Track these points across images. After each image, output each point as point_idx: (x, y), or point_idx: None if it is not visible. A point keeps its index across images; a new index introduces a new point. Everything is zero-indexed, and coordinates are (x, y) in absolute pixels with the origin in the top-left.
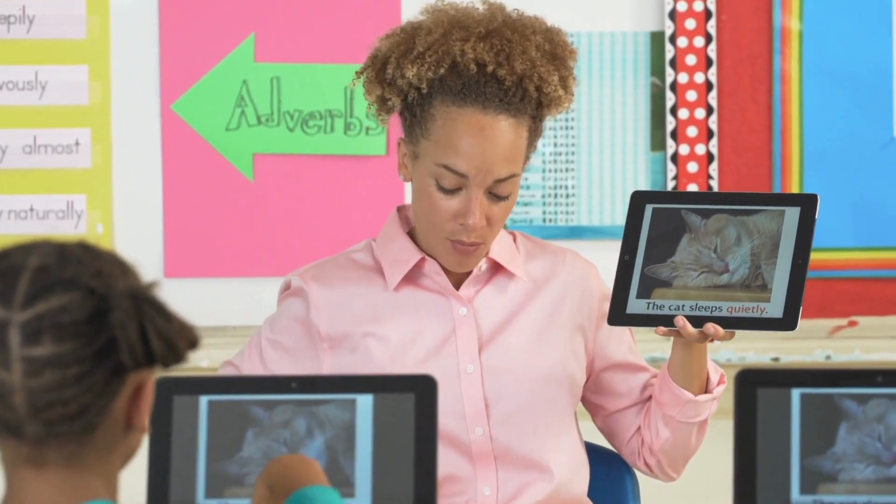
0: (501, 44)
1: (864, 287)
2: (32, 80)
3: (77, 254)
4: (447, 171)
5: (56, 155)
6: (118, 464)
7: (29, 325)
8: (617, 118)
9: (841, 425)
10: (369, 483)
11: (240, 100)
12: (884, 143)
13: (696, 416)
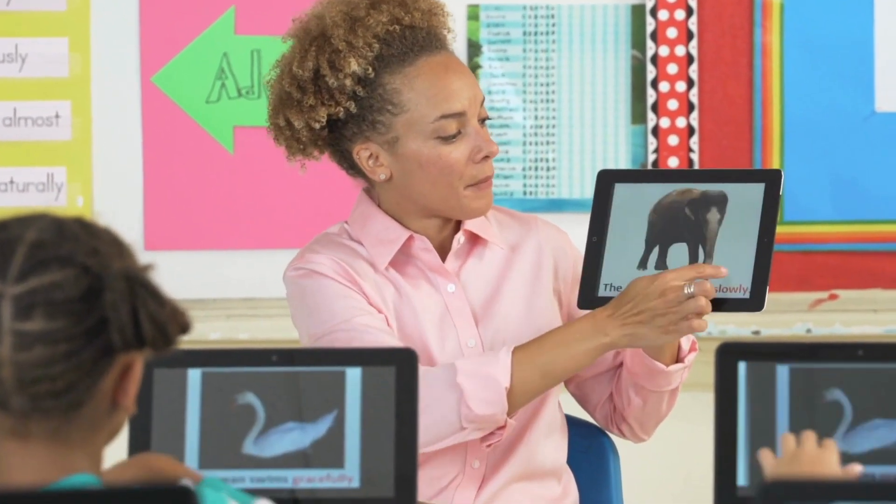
0: (396, 2)
1: (845, 260)
2: (12, 53)
3: (74, 231)
4: (446, 118)
5: (36, 127)
6: (102, 440)
7: (21, 300)
8: (597, 91)
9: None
10: (358, 452)
11: (220, 72)
12: (865, 117)
13: (667, 386)
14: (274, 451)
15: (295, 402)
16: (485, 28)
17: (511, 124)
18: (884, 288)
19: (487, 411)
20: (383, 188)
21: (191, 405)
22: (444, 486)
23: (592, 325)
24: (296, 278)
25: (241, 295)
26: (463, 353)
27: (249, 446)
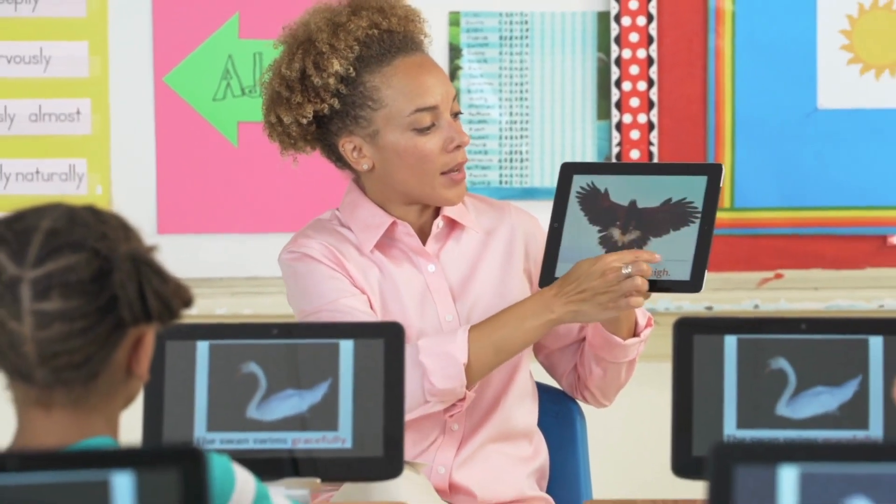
0: (374, 8)
1: (789, 243)
2: (37, 55)
3: (85, 218)
4: (420, 112)
5: (59, 123)
6: (119, 406)
7: (39, 282)
8: (567, 90)
9: (771, 368)
10: (350, 416)
11: (225, 73)
12: (807, 113)
13: (624, 357)
14: (274, 416)
15: (293, 371)
16: (464, 33)
17: (488, 120)
18: (824, 268)
19: (448, 385)
20: (368, 178)
21: (199, 374)
22: (426, 446)
23: (540, 304)
24: (289, 261)
25: (245, 274)
26: (442, 327)
27: (252, 411)
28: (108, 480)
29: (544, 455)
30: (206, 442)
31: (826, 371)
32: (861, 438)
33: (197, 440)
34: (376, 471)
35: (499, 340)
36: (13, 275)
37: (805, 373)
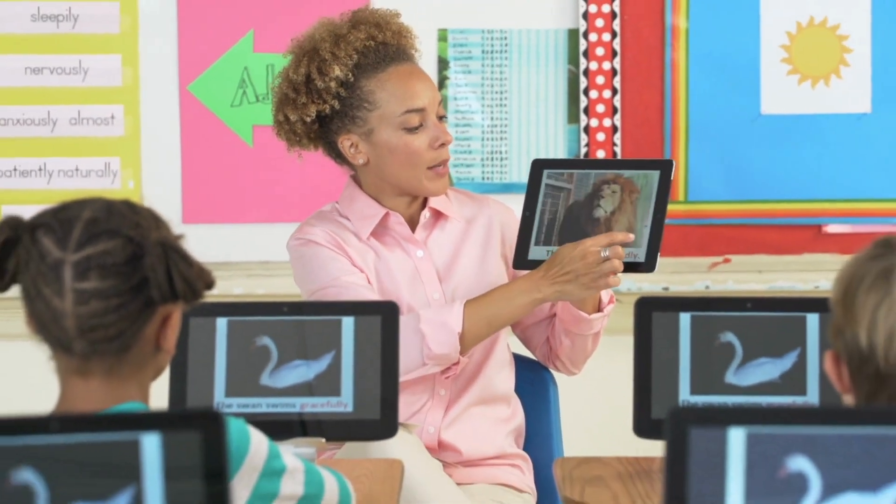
0: (372, 23)
1: (736, 231)
2: (77, 67)
3: (121, 209)
4: (410, 113)
5: (96, 126)
6: (149, 376)
7: (80, 265)
8: (541, 97)
9: (720, 342)
10: (351, 383)
11: (242, 82)
12: (752, 118)
13: (589, 330)
14: (285, 383)
15: (301, 344)
16: (451, 48)
17: (472, 124)
18: (767, 254)
19: (443, 351)
20: (363, 172)
21: (219, 346)
22: (417, 409)
23: (529, 284)
24: (296, 246)
25: (259, 258)
26: (429, 304)
27: (265, 379)
28: (138, 440)
29: (521, 417)
30: (224, 406)
31: (769, 344)
32: (800, 403)
33: (216, 405)
34: (374, 431)
35: (491, 315)
36: (57, 258)
37: (750, 346)
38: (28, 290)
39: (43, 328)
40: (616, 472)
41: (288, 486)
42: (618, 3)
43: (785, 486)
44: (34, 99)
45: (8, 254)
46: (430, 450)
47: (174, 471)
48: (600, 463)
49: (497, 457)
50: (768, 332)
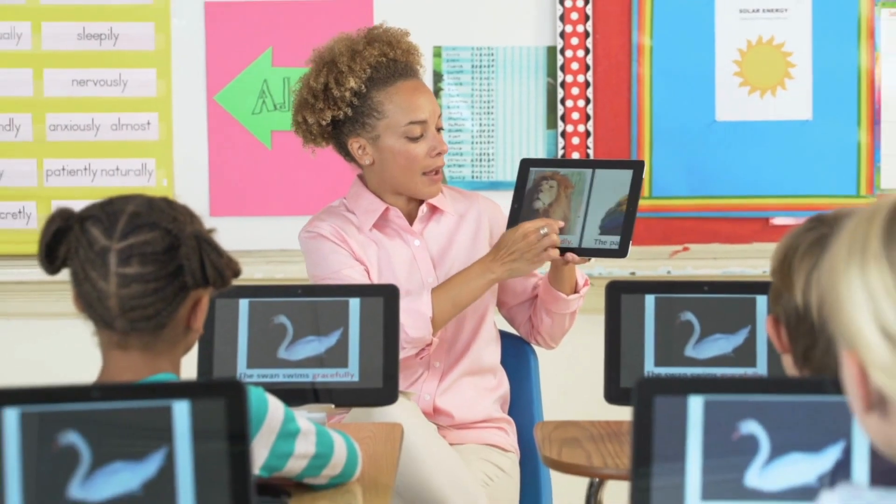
0: (385, 41)
1: (694, 223)
2: (117, 79)
3: (160, 205)
4: (413, 124)
5: (134, 131)
6: (181, 352)
7: (123, 252)
8: (524, 106)
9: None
10: (357, 356)
11: (262, 93)
12: (707, 124)
13: (567, 309)
14: (299, 356)
15: (313, 322)
16: (445, 63)
17: (463, 129)
18: (721, 243)
19: (419, 334)
20: (368, 171)
21: (241, 324)
22: (414, 379)
23: (482, 267)
24: (306, 238)
25: (277, 247)
26: (424, 287)
27: (282, 352)
28: (170, 407)
29: (506, 386)
30: (245, 377)
31: (723, 322)
32: (751, 374)
33: (239, 375)
34: (377, 398)
35: (454, 297)
36: (104, 245)
37: (707, 323)
38: (77, 273)
39: (89, 307)
40: (589, 434)
41: (301, 445)
42: (590, 24)
43: (738, 447)
44: (80, 107)
45: (59, 241)
46: (426, 415)
47: (201, 433)
48: (575, 426)
49: (485, 420)
50: (722, 311)
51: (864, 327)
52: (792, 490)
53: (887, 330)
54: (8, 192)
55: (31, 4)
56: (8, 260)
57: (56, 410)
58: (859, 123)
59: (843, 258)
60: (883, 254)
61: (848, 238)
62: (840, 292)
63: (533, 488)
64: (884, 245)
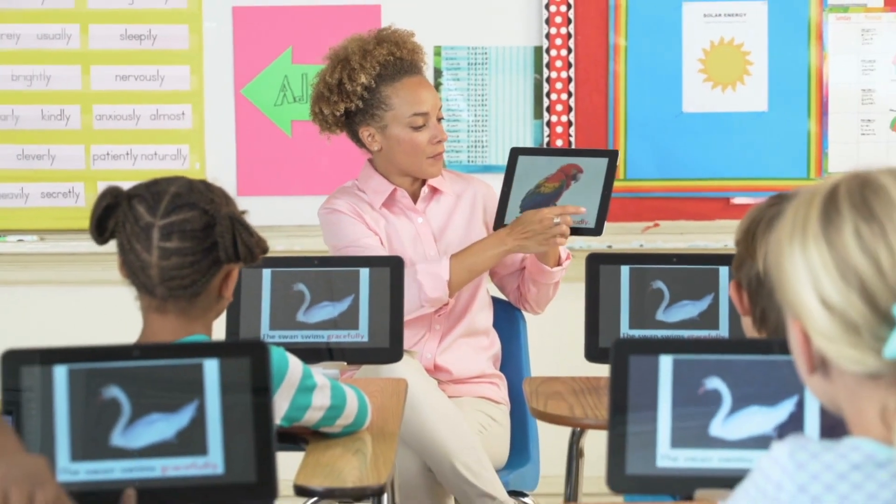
0: (392, 42)
1: (663, 203)
2: (155, 75)
3: (199, 187)
4: (417, 115)
5: (170, 120)
6: (212, 317)
7: (165, 228)
8: (513, 98)
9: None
10: (367, 319)
11: (283, 87)
12: (675, 115)
13: (551, 280)
14: (315, 319)
15: (329, 289)
16: (445, 60)
17: (460, 119)
18: (687, 220)
19: (436, 295)
20: (377, 156)
21: (265, 291)
22: (417, 340)
23: (497, 239)
24: (325, 214)
25: (296, 223)
26: (426, 259)
27: (301, 316)
28: (201, 364)
29: (498, 346)
30: (268, 337)
31: (689, 289)
32: (714, 336)
33: (262, 336)
34: (385, 356)
35: (470, 264)
36: (148, 222)
37: (675, 291)
38: (123, 245)
39: (132, 275)
40: (571, 388)
41: (318, 398)
42: (573, 27)
43: (703, 401)
44: (123, 100)
45: (108, 215)
46: (427, 371)
47: (229, 388)
48: (559, 381)
49: (479, 376)
50: (689, 280)
51: (806, 299)
52: (751, 439)
53: (826, 301)
54: (59, 174)
55: (79, 9)
56: (59, 234)
57: (101, 367)
58: (809, 115)
59: (787, 236)
60: (821, 233)
61: (791, 218)
62: (784, 267)
63: (521, 436)
64: (821, 226)
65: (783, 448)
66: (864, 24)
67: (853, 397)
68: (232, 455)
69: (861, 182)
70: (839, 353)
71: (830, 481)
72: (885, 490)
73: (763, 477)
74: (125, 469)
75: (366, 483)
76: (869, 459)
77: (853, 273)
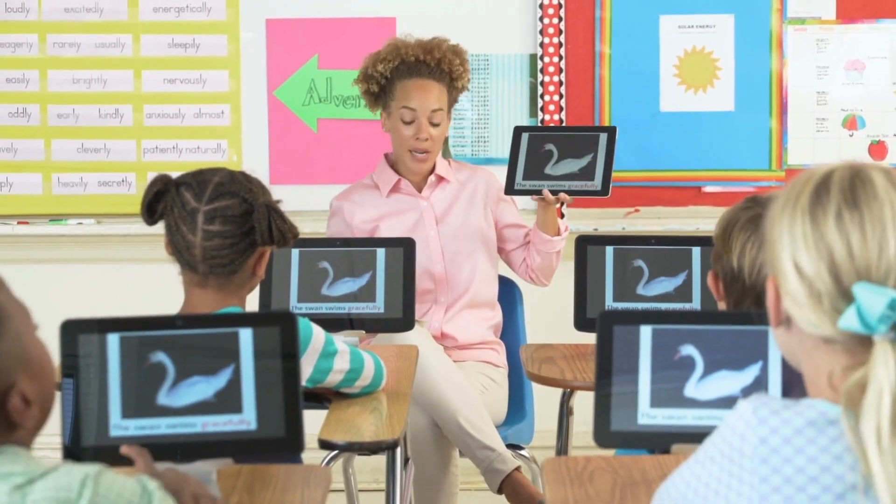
0: (426, 48)
1: (643, 191)
2: (198, 78)
3: (239, 177)
4: (405, 109)
5: (211, 118)
6: (246, 292)
7: (209, 213)
8: (511, 99)
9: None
10: (383, 293)
11: (310, 89)
12: (653, 114)
13: (553, 248)
14: (338, 293)
15: (350, 267)
16: None
17: (465, 118)
18: (664, 206)
19: None
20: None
21: (293, 269)
22: (425, 311)
23: None
24: (331, 208)
25: (321, 208)
26: (428, 241)
27: (325, 290)
28: (237, 333)
29: (500, 317)
30: (296, 309)
31: (666, 267)
32: (688, 308)
33: (291, 308)
34: (398, 326)
35: None
36: (194, 207)
37: (654, 268)
38: (170, 226)
39: (177, 253)
40: (563, 354)
41: (339, 363)
42: (563, 37)
43: (679, 366)
44: (170, 100)
45: (158, 200)
46: (435, 338)
47: (261, 354)
48: (552, 348)
49: (481, 343)
50: (665, 259)
51: (784, 262)
52: (721, 399)
53: (799, 267)
54: (113, 165)
55: (132, 20)
56: (113, 217)
57: (148, 335)
58: (771, 114)
59: (780, 206)
60: (808, 209)
61: (787, 192)
62: (773, 232)
63: (518, 396)
64: (810, 203)
65: (748, 405)
66: (818, 35)
67: (809, 357)
68: (264, 413)
69: (854, 173)
70: (802, 315)
71: (788, 435)
72: (836, 444)
73: (729, 430)
74: (169, 425)
75: (381, 438)
76: (822, 416)
77: (826, 249)
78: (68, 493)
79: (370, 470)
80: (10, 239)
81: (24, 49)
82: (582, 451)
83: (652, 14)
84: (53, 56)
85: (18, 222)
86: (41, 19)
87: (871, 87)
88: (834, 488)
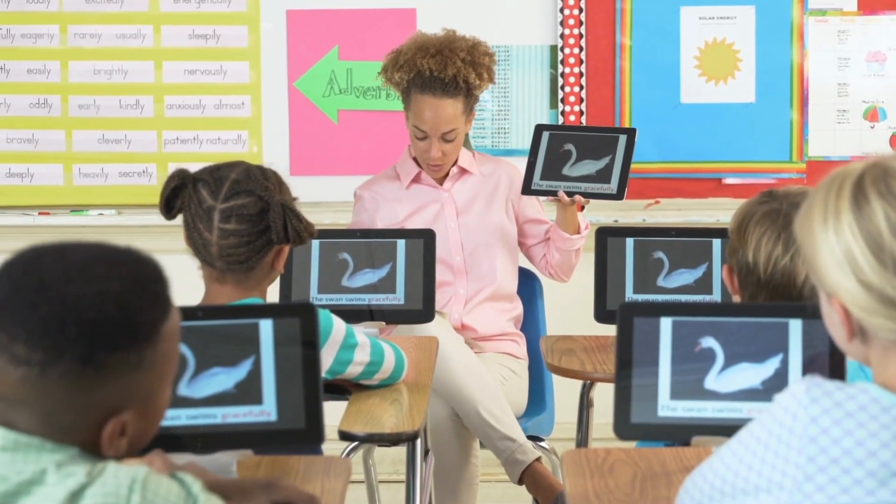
0: (442, 58)
1: (663, 182)
2: (219, 69)
3: (256, 174)
4: (416, 129)
5: (232, 109)
6: (266, 285)
7: (225, 211)
8: (532, 91)
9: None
10: (403, 284)
11: (330, 80)
12: (674, 106)
13: (572, 247)
14: (358, 284)
15: (370, 259)
16: None
17: (485, 109)
18: (684, 198)
19: None
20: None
21: (313, 260)
22: (445, 302)
23: None
24: (355, 196)
25: (342, 199)
26: (448, 232)
27: (345, 281)
28: (257, 324)
29: (520, 309)
30: (316, 300)
31: (687, 259)
32: (708, 301)
33: (311, 299)
34: (419, 317)
35: None
36: (210, 205)
37: (674, 260)
38: (188, 222)
39: (195, 249)
40: (583, 346)
41: (359, 354)
42: (584, 28)
43: (699, 358)
44: (191, 91)
45: (176, 195)
46: (455, 329)
47: (281, 345)
48: (572, 340)
49: (502, 334)
50: (686, 250)
51: (847, 282)
52: (741, 392)
53: (864, 281)
54: (135, 156)
55: (153, 11)
56: (134, 208)
57: None
58: (792, 105)
59: (820, 224)
60: (854, 221)
61: (821, 207)
62: (820, 252)
63: (538, 387)
64: (854, 214)
65: (801, 385)
66: (839, 26)
67: (882, 357)
68: (284, 404)
69: (882, 171)
70: (881, 325)
71: (839, 417)
72: (885, 431)
73: (781, 408)
74: (190, 416)
75: (402, 429)
76: (875, 402)
77: (890, 257)
78: (116, 500)
79: (390, 461)
80: (32, 229)
81: (45, 40)
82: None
83: (673, 5)
84: (74, 47)
85: (40, 213)
86: (62, 10)
87: (893, 79)
88: (878, 473)
